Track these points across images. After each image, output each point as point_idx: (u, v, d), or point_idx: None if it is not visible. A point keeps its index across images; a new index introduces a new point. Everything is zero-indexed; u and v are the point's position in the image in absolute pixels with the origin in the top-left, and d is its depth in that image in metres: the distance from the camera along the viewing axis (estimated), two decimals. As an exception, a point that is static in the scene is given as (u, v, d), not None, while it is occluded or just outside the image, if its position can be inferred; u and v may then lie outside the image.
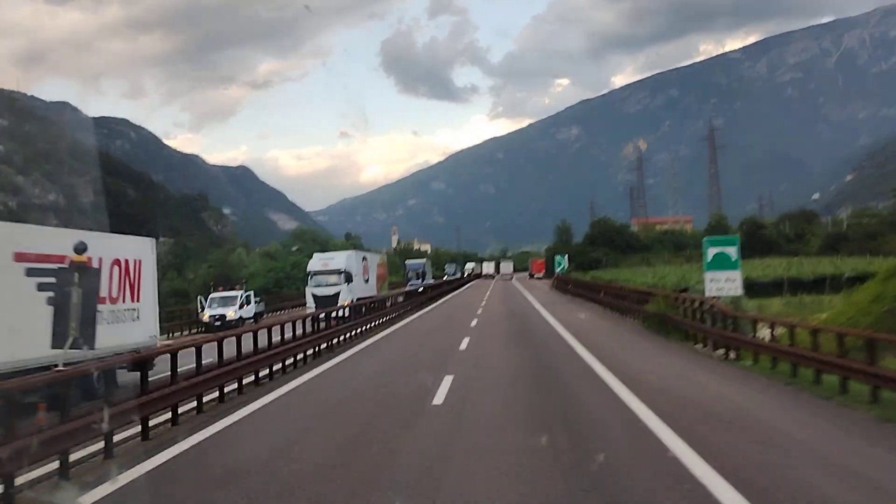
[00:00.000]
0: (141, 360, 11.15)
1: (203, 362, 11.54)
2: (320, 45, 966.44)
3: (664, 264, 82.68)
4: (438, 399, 11.15)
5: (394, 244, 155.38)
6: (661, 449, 7.58)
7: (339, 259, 39.60)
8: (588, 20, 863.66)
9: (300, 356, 16.77)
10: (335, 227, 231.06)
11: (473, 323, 27.18)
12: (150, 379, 10.20)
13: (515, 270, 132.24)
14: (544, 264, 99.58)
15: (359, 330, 23.55)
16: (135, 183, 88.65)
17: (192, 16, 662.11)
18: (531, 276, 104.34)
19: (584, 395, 11.59)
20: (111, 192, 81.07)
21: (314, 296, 36.45)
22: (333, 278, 37.06)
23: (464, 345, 19.39)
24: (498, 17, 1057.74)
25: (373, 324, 26.00)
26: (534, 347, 18.94)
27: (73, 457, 7.91)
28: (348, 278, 37.11)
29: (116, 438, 8.88)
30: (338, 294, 35.66)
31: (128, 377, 13.94)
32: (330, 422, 10.47)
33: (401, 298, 39.03)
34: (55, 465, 7.67)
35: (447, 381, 12.66)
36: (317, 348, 18.12)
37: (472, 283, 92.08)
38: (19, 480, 6.97)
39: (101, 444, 8.57)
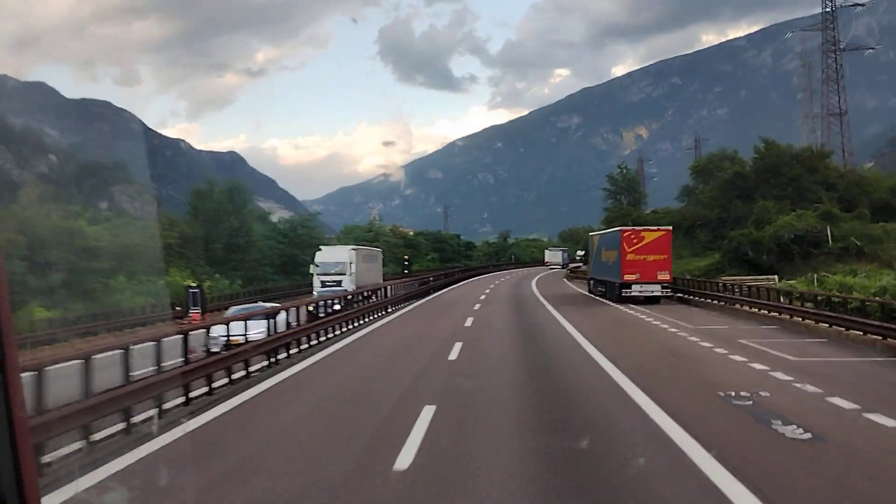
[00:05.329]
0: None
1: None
2: (317, 33, 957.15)
3: None
4: None
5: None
6: None
7: None
8: (587, 9, 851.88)
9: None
10: (331, 216, 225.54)
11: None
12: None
13: (524, 264, 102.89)
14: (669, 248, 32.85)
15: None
16: (18, 145, 75.03)
17: (186, 1, 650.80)
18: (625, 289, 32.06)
19: None
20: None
21: None
22: None
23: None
24: (497, 6, 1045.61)
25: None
26: None
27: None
28: None
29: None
30: None
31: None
32: None
33: None
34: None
35: None
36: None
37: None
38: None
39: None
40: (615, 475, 7.02)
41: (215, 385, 11.95)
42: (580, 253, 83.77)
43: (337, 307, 22.87)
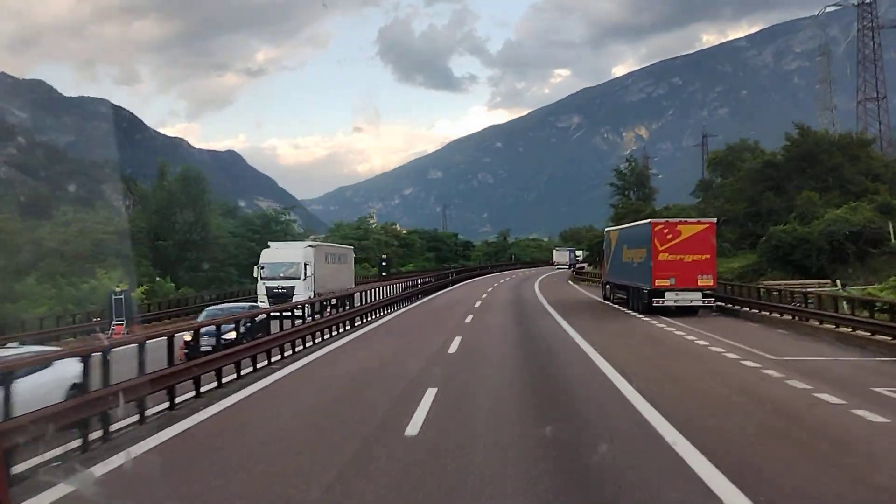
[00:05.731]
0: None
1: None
2: (317, 33, 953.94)
3: None
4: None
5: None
6: None
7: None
8: (587, 9, 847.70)
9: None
10: (330, 216, 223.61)
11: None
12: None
13: (524, 264, 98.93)
14: (713, 245, 25.70)
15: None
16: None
17: (186, 1, 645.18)
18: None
19: None
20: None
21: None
22: None
23: None
24: (497, 6, 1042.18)
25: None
26: None
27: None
28: None
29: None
30: None
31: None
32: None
33: None
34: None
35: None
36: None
37: None
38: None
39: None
40: None
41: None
42: (579, 253, 79.33)
43: (231, 336, 13.94)
